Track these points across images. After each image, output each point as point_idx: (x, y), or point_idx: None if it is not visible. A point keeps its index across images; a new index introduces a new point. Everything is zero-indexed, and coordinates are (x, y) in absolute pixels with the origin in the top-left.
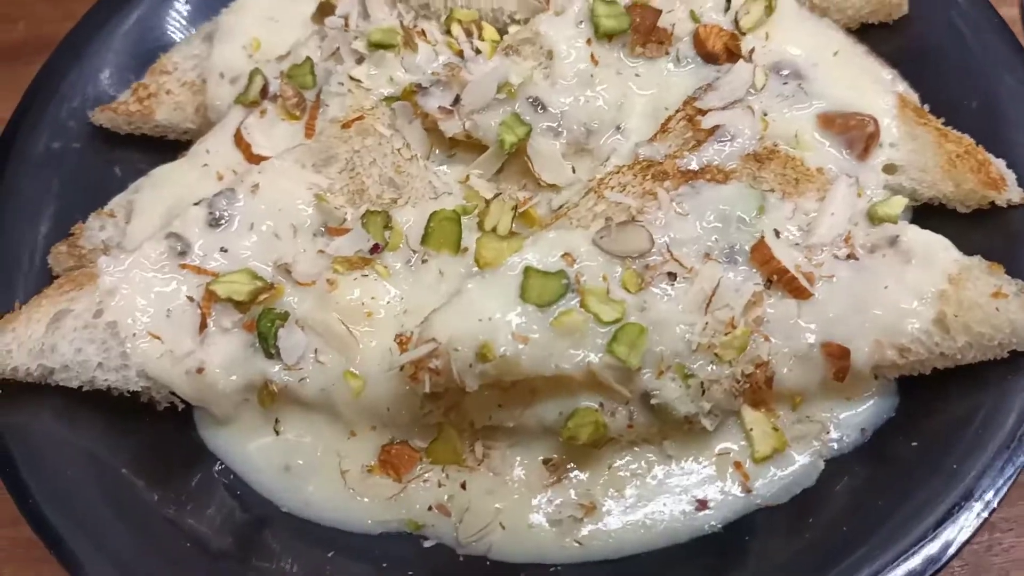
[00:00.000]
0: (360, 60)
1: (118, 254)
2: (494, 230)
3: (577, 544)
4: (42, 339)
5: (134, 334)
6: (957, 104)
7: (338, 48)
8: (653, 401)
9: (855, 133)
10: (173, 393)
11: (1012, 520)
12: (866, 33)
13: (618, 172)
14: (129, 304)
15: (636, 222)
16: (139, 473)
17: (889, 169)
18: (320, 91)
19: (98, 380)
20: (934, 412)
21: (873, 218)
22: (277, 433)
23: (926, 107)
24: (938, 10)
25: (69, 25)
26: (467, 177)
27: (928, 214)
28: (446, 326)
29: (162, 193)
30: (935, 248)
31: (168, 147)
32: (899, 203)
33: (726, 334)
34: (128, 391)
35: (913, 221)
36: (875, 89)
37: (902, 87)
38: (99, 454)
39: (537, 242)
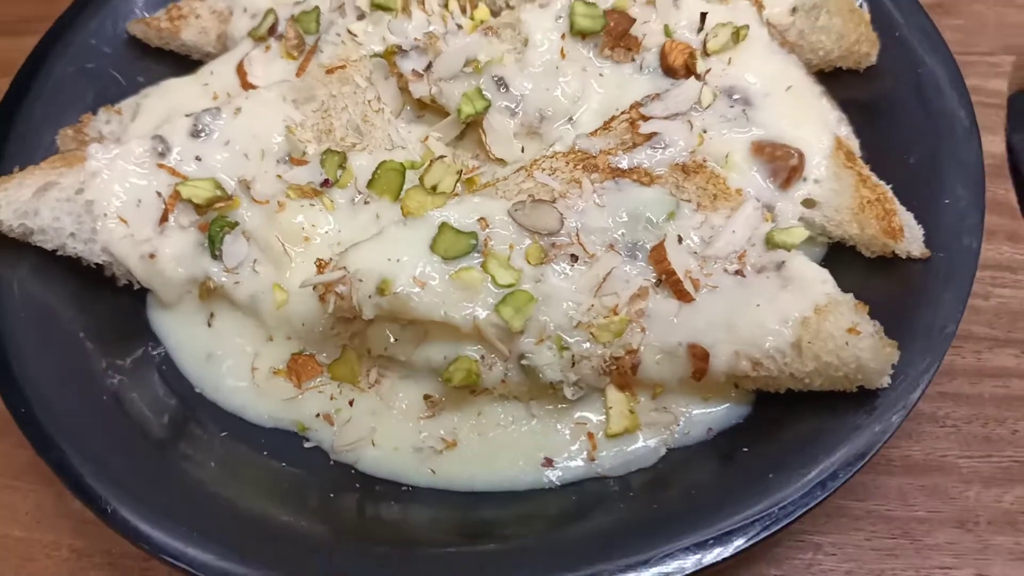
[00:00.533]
0: (361, 17)
1: (108, 144)
2: (431, 187)
3: (431, 471)
4: (28, 202)
5: (105, 214)
6: (897, 156)
7: (344, 3)
8: (524, 362)
9: (780, 164)
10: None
11: (838, 546)
12: (836, 76)
13: (553, 157)
14: (107, 188)
15: (551, 203)
16: (93, 338)
17: (808, 203)
18: (319, 38)
19: (68, 247)
20: (777, 430)
21: (769, 242)
22: (209, 325)
23: (863, 154)
24: (905, 66)
25: None
26: (427, 137)
27: (841, 254)
28: (358, 258)
29: (165, 101)
30: (812, 279)
31: (190, 66)
32: (798, 234)
33: (606, 318)
34: (94, 263)
35: (826, 257)
36: (816, 128)
37: (844, 131)
38: (62, 314)
39: (461, 203)
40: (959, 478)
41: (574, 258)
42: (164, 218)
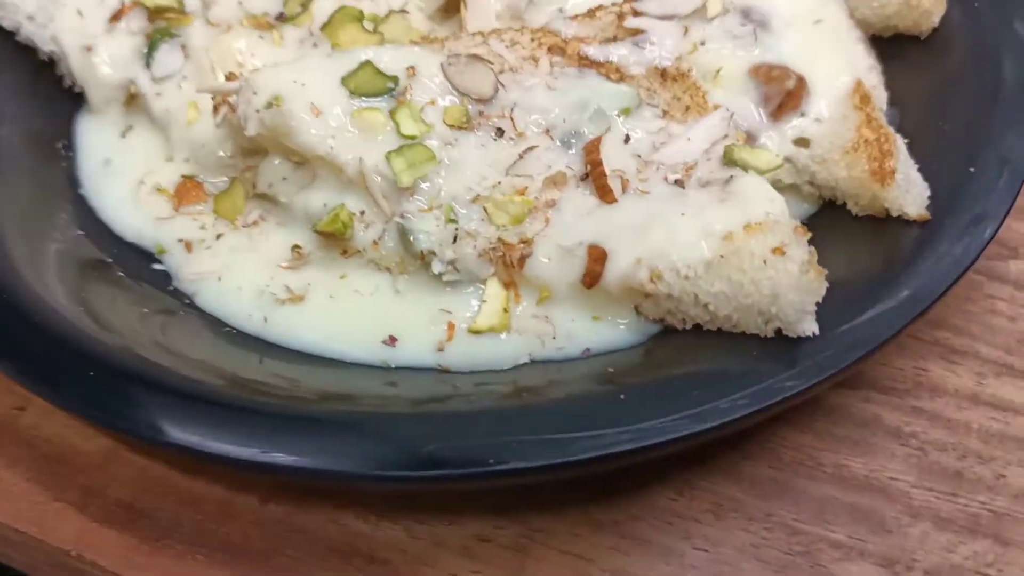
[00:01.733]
0: None
1: None
2: (361, 22)
3: (263, 319)
4: None
5: (66, 4)
6: (929, 119)
7: None
8: (399, 220)
9: (774, 86)
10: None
11: (712, 542)
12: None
13: (519, 31)
14: None
15: (487, 63)
16: (17, 121)
17: (801, 142)
18: None
19: (24, 28)
20: (664, 364)
21: (727, 158)
22: (123, 136)
23: (887, 109)
24: (969, 33)
25: None
26: (406, 1)
27: (829, 216)
28: (262, 75)
29: None
30: (757, 196)
31: None
32: (766, 158)
33: (506, 196)
34: (45, 55)
35: (813, 216)
36: (836, 65)
37: (873, 80)
38: (9, 101)
39: (396, 48)
40: (905, 509)
41: (500, 132)
42: (116, 17)
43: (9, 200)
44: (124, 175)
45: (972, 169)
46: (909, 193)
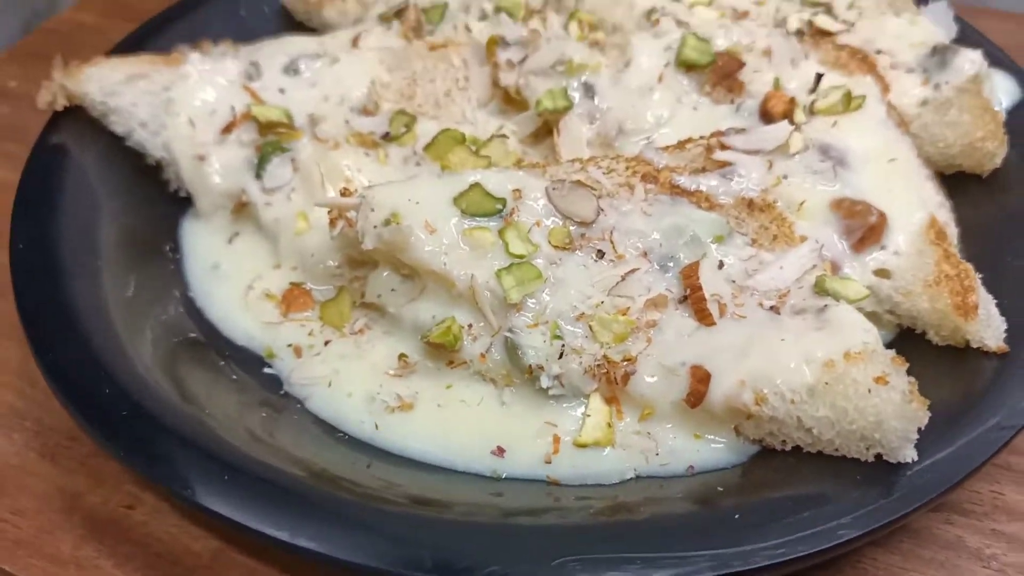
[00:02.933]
0: (483, 18)
1: (204, 56)
2: (469, 146)
3: (375, 425)
4: (116, 84)
5: (179, 114)
6: (1001, 256)
7: (472, 3)
8: (508, 335)
9: (857, 220)
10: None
11: None
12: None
13: (614, 159)
14: (190, 92)
15: (591, 190)
16: (118, 228)
17: (881, 273)
18: (436, 27)
19: (136, 134)
20: (767, 485)
21: (818, 287)
22: (229, 242)
23: (959, 245)
24: None
25: None
26: (501, 127)
27: (909, 344)
28: (382, 193)
29: (277, 47)
30: (852, 325)
31: None
32: (854, 289)
33: (610, 315)
34: (154, 160)
35: (890, 344)
36: (911, 201)
37: (944, 216)
38: (114, 199)
39: (502, 172)
40: None
41: (600, 253)
42: (228, 129)
43: (118, 297)
44: (233, 280)
45: None
46: (989, 327)
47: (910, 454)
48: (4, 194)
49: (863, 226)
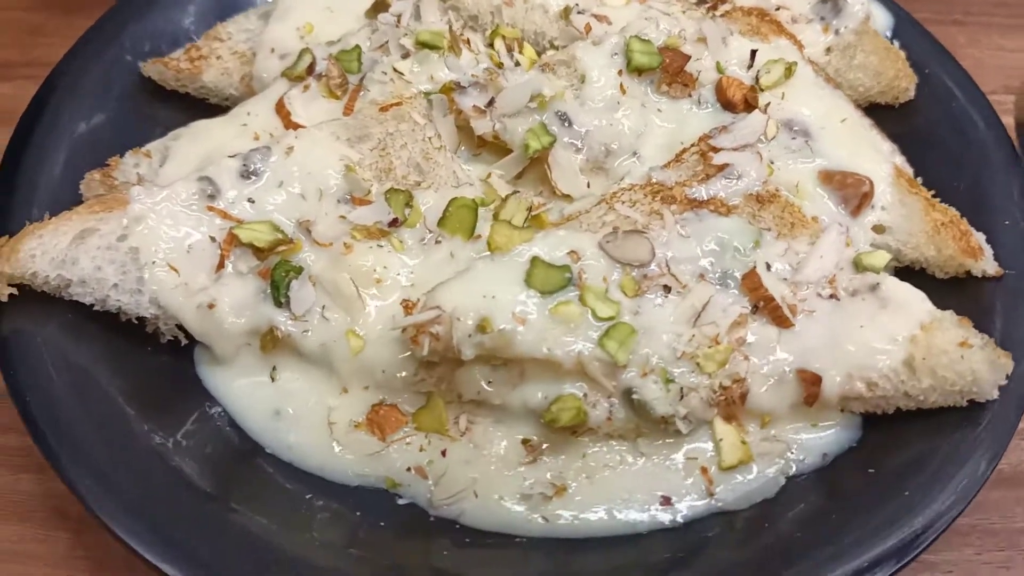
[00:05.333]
0: (405, 55)
1: (151, 187)
2: (508, 221)
3: (543, 520)
4: (66, 251)
5: (153, 262)
6: (947, 184)
7: (387, 41)
8: (634, 397)
9: (851, 191)
10: (179, 327)
11: (953, 563)
12: (873, 111)
13: (630, 189)
14: (153, 234)
15: (641, 233)
16: (132, 401)
17: (878, 229)
18: (363, 77)
19: (111, 300)
20: (893, 449)
21: (858, 266)
22: (273, 379)
23: (919, 179)
24: (940, 101)
25: None
26: (489, 175)
27: (907, 277)
28: (452, 296)
29: (198, 144)
30: (911, 298)
31: (206, 110)
32: (883, 257)
33: (709, 348)
34: (136, 318)
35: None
36: (874, 157)
37: (899, 160)
38: (96, 375)
39: (547, 237)
40: None
41: (667, 289)
42: (220, 264)
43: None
44: (306, 421)
45: (1007, 222)
46: (985, 257)
47: (995, 393)
48: None
49: (858, 195)
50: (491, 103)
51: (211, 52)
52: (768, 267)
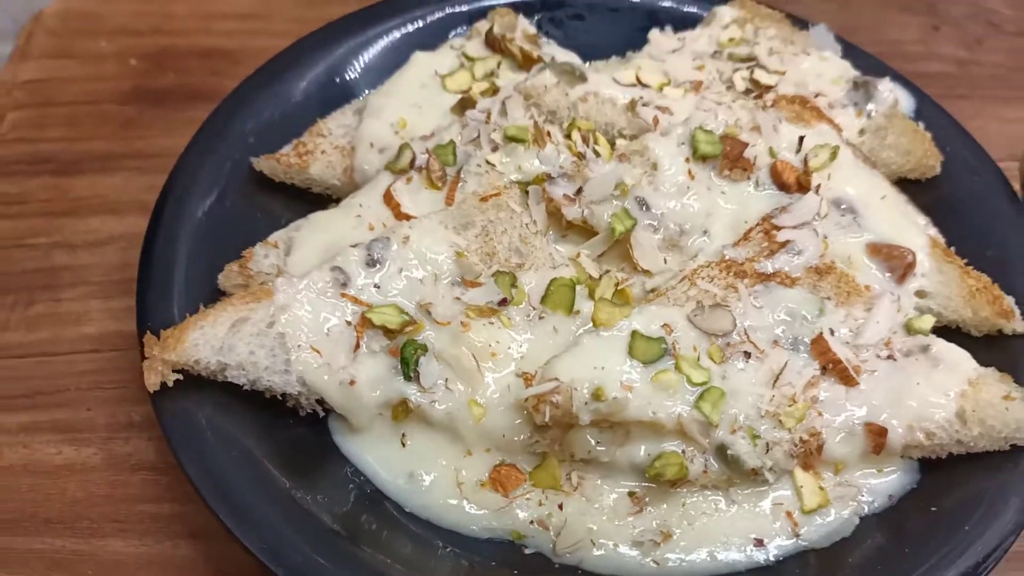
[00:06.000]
0: (495, 148)
1: (290, 278)
2: (609, 299)
3: (655, 564)
4: (223, 338)
5: (299, 346)
6: (976, 251)
7: (478, 135)
8: (729, 452)
9: (896, 262)
10: (318, 401)
11: None
12: (905, 186)
13: (707, 267)
14: (297, 321)
15: (723, 306)
16: (280, 467)
17: (920, 294)
18: (460, 169)
19: (263, 380)
20: (950, 489)
21: (909, 330)
22: (403, 445)
23: (952, 248)
24: (964, 176)
25: (213, 80)
26: (578, 255)
27: (947, 335)
28: (567, 369)
29: (319, 234)
30: (958, 357)
31: (312, 200)
32: (929, 320)
33: (789, 406)
34: (280, 395)
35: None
36: (912, 230)
37: (933, 231)
38: (247, 445)
39: (642, 312)
40: None
41: (747, 355)
42: (356, 345)
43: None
44: (439, 483)
45: None
46: (1017, 318)
47: None
48: None
49: (903, 264)
50: (579, 191)
51: (315, 147)
52: (832, 332)
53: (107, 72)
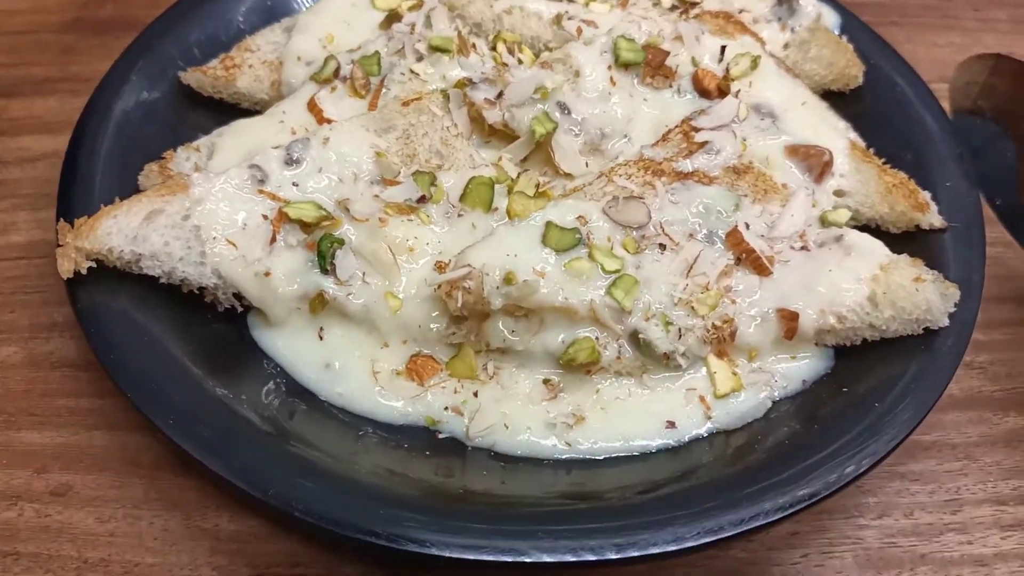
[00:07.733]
0: (420, 59)
1: (207, 173)
2: (520, 191)
3: (566, 445)
4: (137, 228)
5: (214, 238)
6: (895, 155)
7: (403, 47)
8: (642, 338)
9: (814, 161)
10: (236, 296)
11: (918, 472)
12: (827, 98)
13: (625, 165)
14: (212, 214)
15: (638, 199)
16: (196, 361)
17: (839, 193)
18: (384, 78)
19: (177, 272)
20: (863, 373)
21: (823, 222)
22: (321, 338)
23: (871, 150)
24: (885, 86)
25: (153, 11)
26: (500, 158)
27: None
28: (480, 256)
29: (241, 139)
30: (871, 245)
31: (240, 114)
32: (844, 214)
33: (702, 294)
34: (198, 287)
35: None
36: (832, 134)
37: (854, 135)
38: (163, 340)
39: (558, 205)
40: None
41: (662, 247)
42: (273, 239)
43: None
44: (355, 372)
45: (948, 184)
46: (932, 212)
47: (945, 320)
48: None
49: (820, 163)
50: (500, 96)
51: (243, 62)
52: (747, 226)
53: (50, 4)
